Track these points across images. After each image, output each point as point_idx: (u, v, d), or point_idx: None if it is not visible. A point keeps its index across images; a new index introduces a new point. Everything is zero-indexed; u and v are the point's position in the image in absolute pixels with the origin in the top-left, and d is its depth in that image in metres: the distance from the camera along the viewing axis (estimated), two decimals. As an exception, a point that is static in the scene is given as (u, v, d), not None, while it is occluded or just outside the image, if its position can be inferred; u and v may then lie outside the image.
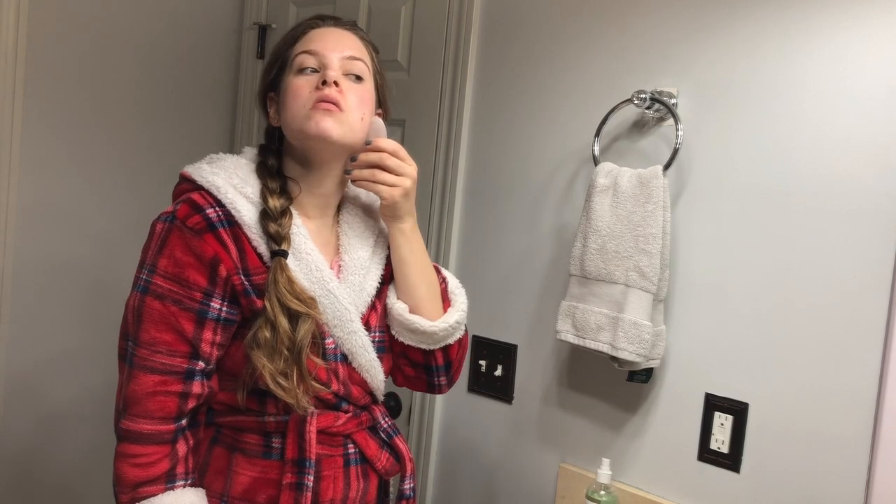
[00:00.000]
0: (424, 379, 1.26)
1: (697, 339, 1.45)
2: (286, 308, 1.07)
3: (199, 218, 1.06)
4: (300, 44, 1.16)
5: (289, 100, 1.13)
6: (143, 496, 1.03)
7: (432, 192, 1.86)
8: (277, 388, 1.05)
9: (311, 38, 1.16)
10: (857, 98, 1.28)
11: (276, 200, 1.11)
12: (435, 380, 1.26)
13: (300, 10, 2.20)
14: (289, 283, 1.08)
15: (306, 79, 1.12)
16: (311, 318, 1.08)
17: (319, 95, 1.11)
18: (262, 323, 1.06)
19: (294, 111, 1.12)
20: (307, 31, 1.17)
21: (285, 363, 1.06)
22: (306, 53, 1.14)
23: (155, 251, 1.06)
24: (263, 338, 1.06)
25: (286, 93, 1.14)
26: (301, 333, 1.07)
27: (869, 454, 1.27)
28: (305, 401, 1.08)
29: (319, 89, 1.11)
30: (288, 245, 1.10)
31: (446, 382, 1.27)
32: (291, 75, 1.14)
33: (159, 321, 1.04)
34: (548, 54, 1.67)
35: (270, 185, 1.13)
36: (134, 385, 1.04)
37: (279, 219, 1.10)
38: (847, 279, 1.29)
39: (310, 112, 1.10)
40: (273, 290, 1.07)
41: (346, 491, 1.16)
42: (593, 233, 1.47)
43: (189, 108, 2.22)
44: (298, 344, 1.07)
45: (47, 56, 1.89)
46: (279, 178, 1.15)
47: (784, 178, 1.36)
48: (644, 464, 1.52)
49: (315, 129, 1.10)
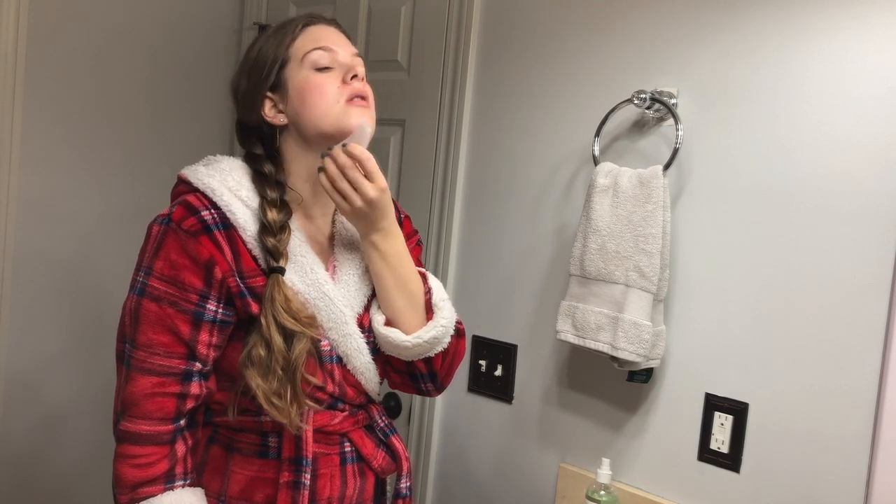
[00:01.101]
0: (411, 384, 1.24)
1: (697, 339, 1.45)
2: (282, 327, 1.06)
3: (195, 220, 1.06)
4: (303, 41, 1.14)
5: (313, 97, 1.11)
6: (143, 496, 1.03)
7: (432, 192, 1.86)
8: (271, 408, 1.05)
9: (317, 36, 1.15)
10: (857, 98, 1.28)
11: (274, 214, 1.10)
12: (422, 386, 1.24)
13: (300, 10, 2.20)
14: (286, 300, 1.07)
15: (327, 75, 1.12)
16: (306, 336, 1.07)
17: (353, 91, 1.11)
18: (257, 340, 1.06)
19: (324, 108, 1.11)
20: (306, 29, 1.16)
21: (279, 383, 1.05)
22: (320, 50, 1.12)
23: (151, 253, 1.07)
24: (258, 356, 1.05)
25: (305, 90, 1.12)
26: (296, 353, 1.06)
27: (869, 454, 1.26)
28: (299, 420, 1.08)
29: (347, 84, 1.11)
30: (285, 261, 1.09)
31: (434, 388, 1.24)
32: (305, 72, 1.12)
33: (156, 323, 1.05)
34: (548, 54, 1.67)
35: (270, 196, 1.11)
36: (132, 387, 1.04)
37: (278, 234, 1.09)
38: (847, 279, 1.29)
39: (346, 107, 1.11)
40: (269, 308, 1.06)
41: (343, 489, 1.16)
42: (593, 233, 1.47)
43: (189, 109, 2.22)
44: (293, 363, 1.06)
45: (47, 56, 1.89)
46: (278, 188, 1.13)
47: (784, 177, 1.35)
48: (644, 464, 1.52)
49: (358, 118, 1.10)
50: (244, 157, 1.17)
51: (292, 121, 1.14)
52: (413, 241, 1.31)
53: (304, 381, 1.08)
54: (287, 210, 1.12)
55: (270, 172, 1.14)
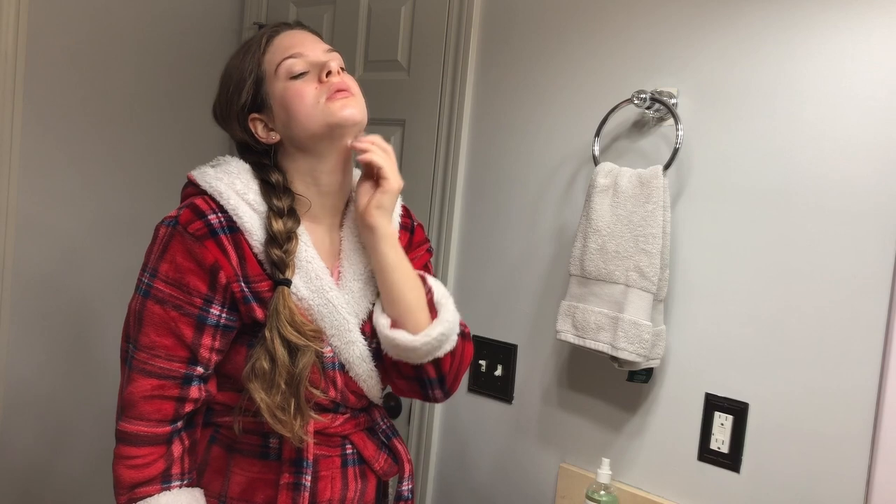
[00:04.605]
0: (418, 390, 1.21)
1: (697, 339, 1.45)
2: (286, 340, 1.05)
3: (201, 224, 1.06)
4: (272, 54, 1.12)
5: (294, 104, 1.10)
6: (140, 497, 1.03)
7: (432, 191, 1.86)
8: (275, 421, 1.05)
9: (286, 44, 1.13)
10: (857, 98, 1.28)
11: (280, 224, 1.09)
12: (429, 392, 1.20)
13: (300, 10, 2.20)
14: (291, 314, 1.06)
15: (303, 80, 1.11)
16: (311, 349, 1.07)
17: (332, 86, 1.10)
18: (261, 353, 1.05)
19: (306, 111, 1.09)
20: (271, 41, 1.14)
21: (282, 397, 1.05)
22: (291, 58, 1.11)
23: (157, 255, 1.07)
24: (262, 369, 1.05)
25: (285, 100, 1.11)
26: (300, 366, 1.06)
27: (869, 454, 1.26)
28: (302, 433, 1.07)
29: (324, 82, 1.10)
30: (292, 272, 1.08)
31: (442, 394, 1.21)
32: (281, 83, 1.11)
33: (159, 325, 1.05)
34: (548, 54, 1.67)
35: (277, 206, 1.10)
36: (132, 388, 1.05)
37: (285, 244, 1.08)
38: (847, 279, 1.29)
39: (327, 104, 1.09)
40: (274, 321, 1.05)
41: (344, 491, 1.16)
42: (593, 233, 1.47)
43: (189, 109, 2.22)
44: (297, 377, 1.06)
45: (47, 57, 1.89)
46: (287, 197, 1.12)
47: (784, 177, 1.35)
48: (644, 464, 1.52)
49: (341, 112, 1.09)
50: (252, 164, 1.16)
51: (284, 134, 1.13)
52: (423, 248, 1.30)
53: (308, 393, 1.08)
54: (295, 218, 1.11)
55: (278, 182, 1.13)
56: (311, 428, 1.11)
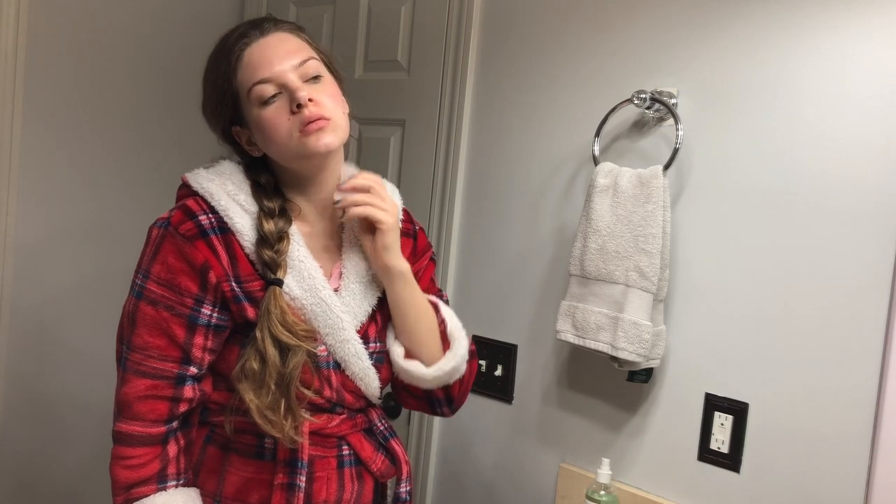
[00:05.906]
0: (427, 408, 1.27)
1: (697, 339, 1.45)
2: (277, 340, 1.05)
3: (192, 224, 1.06)
4: (244, 73, 1.09)
5: (269, 134, 1.09)
6: (136, 497, 1.04)
7: (432, 192, 1.86)
8: (265, 422, 1.05)
9: (255, 62, 1.09)
10: (857, 98, 1.28)
11: (271, 224, 1.09)
12: (437, 409, 1.26)
13: (300, 10, 2.20)
14: (282, 314, 1.06)
15: (275, 107, 1.08)
16: (302, 350, 1.07)
17: (302, 119, 1.07)
18: (252, 353, 1.05)
19: (281, 143, 1.09)
20: (241, 56, 1.10)
21: (272, 397, 1.05)
22: (260, 84, 1.08)
23: (150, 257, 1.07)
24: (251, 369, 1.05)
25: (261, 128, 1.09)
26: (291, 366, 1.06)
27: (869, 454, 1.26)
28: (294, 433, 1.07)
29: (296, 113, 1.07)
30: (284, 272, 1.09)
31: (450, 411, 1.27)
32: (255, 109, 1.09)
33: (152, 326, 1.05)
34: (548, 54, 1.67)
35: (267, 207, 1.10)
36: (126, 388, 1.05)
37: (276, 244, 1.08)
38: (847, 279, 1.29)
39: (300, 139, 1.07)
40: (265, 321, 1.06)
41: (340, 493, 1.15)
42: (593, 233, 1.47)
43: (189, 109, 2.21)
44: (287, 377, 1.06)
45: (47, 57, 1.89)
46: (278, 197, 1.13)
47: (784, 177, 1.35)
48: (644, 464, 1.52)
49: (315, 148, 1.07)
50: (245, 165, 1.17)
51: (265, 151, 1.13)
52: (427, 256, 1.31)
53: (299, 394, 1.08)
54: (287, 218, 1.12)
55: (268, 182, 1.13)
56: (306, 429, 1.11)
